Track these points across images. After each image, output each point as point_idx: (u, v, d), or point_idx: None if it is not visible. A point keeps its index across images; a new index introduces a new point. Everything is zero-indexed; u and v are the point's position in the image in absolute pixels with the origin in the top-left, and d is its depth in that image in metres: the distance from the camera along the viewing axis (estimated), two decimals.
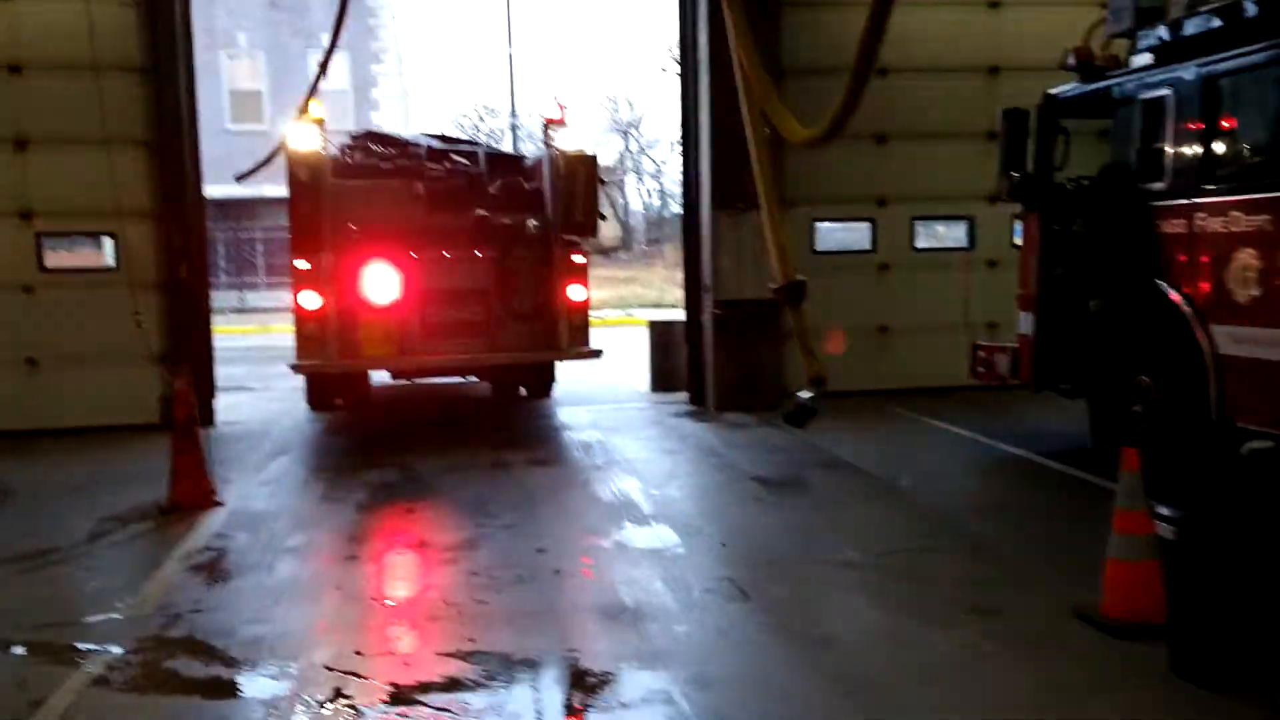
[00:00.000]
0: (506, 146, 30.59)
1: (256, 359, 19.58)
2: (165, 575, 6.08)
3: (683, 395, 12.15)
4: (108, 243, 10.82)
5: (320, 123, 9.86)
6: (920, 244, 12.15)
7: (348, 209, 9.84)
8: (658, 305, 33.12)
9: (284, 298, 12.23)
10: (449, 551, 6.44)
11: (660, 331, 12.95)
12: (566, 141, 10.43)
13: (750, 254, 11.14)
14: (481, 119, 68.97)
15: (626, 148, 73.64)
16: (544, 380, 12.29)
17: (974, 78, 11.77)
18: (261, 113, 33.15)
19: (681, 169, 11.82)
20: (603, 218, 10.61)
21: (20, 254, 10.65)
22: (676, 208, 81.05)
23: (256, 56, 33.67)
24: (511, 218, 10.29)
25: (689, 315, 11.97)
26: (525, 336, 10.20)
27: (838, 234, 12.06)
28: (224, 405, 11.76)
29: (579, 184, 10.16)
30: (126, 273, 10.71)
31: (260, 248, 33.82)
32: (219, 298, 31.82)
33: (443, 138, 12.72)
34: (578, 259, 10.32)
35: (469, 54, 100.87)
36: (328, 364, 9.87)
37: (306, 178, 9.66)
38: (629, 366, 14.42)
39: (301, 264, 9.68)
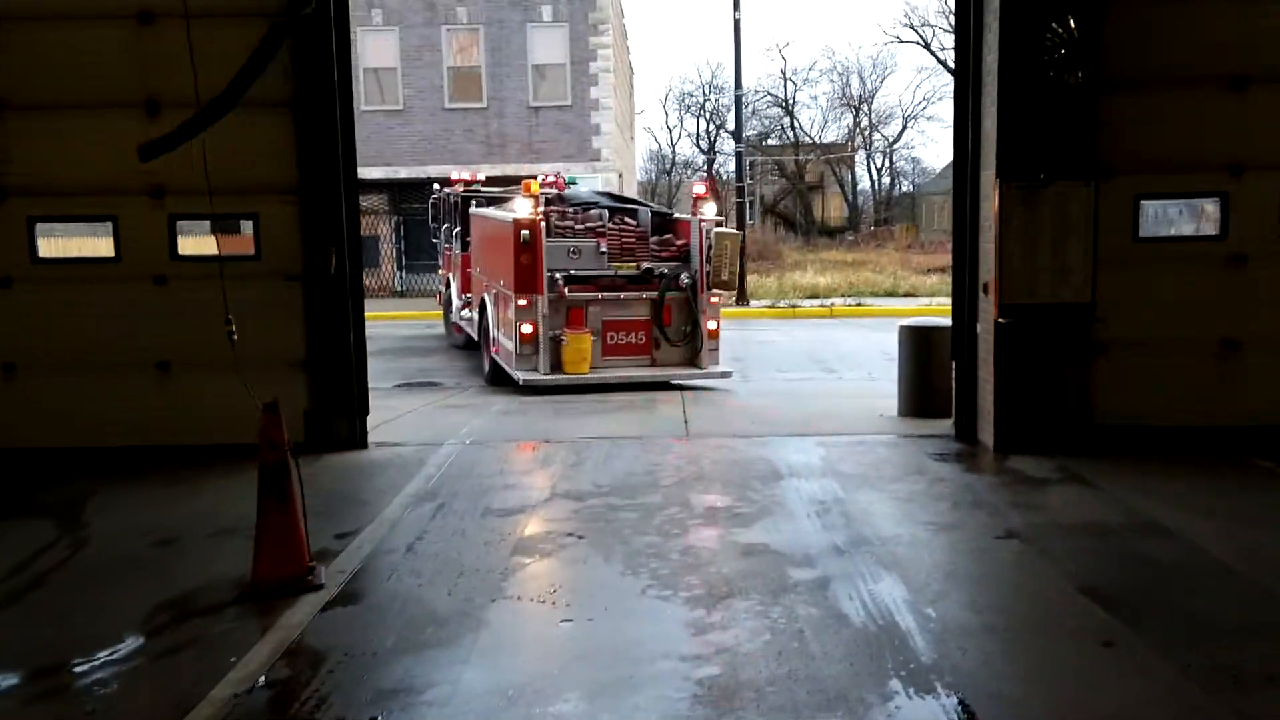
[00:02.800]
0: (730, 123, 28.67)
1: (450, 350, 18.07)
2: None
3: (944, 425, 9.35)
4: (247, 226, 9.05)
5: (538, 196, 12.99)
6: None
7: (553, 260, 12.87)
8: (891, 293, 29.85)
9: None
10: None
11: (915, 340, 10.14)
12: (710, 211, 13.56)
13: (1050, 241, 8.23)
14: (705, 97, 67.07)
15: (856, 123, 70.01)
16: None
17: None
18: (481, 90, 31.96)
19: (954, 123, 8.98)
20: (735, 275, 13.86)
21: (152, 239, 9.03)
22: (907, 186, 76.72)
23: (475, 31, 32.41)
24: (669, 267, 13.43)
25: (958, 320, 9.12)
26: (676, 358, 13.46)
27: (1170, 213, 8.89)
28: (391, 414, 9.90)
29: (726, 256, 13.32)
30: (266, 261, 8.94)
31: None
32: (426, 281, 31.04)
33: (613, 196, 16.55)
34: (714, 299, 13.44)
35: (692, 23, 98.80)
36: (543, 379, 12.71)
37: (528, 238, 12.65)
38: (867, 374, 11.73)
39: (521, 300, 12.73)
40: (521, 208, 12.92)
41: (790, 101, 68.81)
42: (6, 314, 9.05)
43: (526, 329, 12.72)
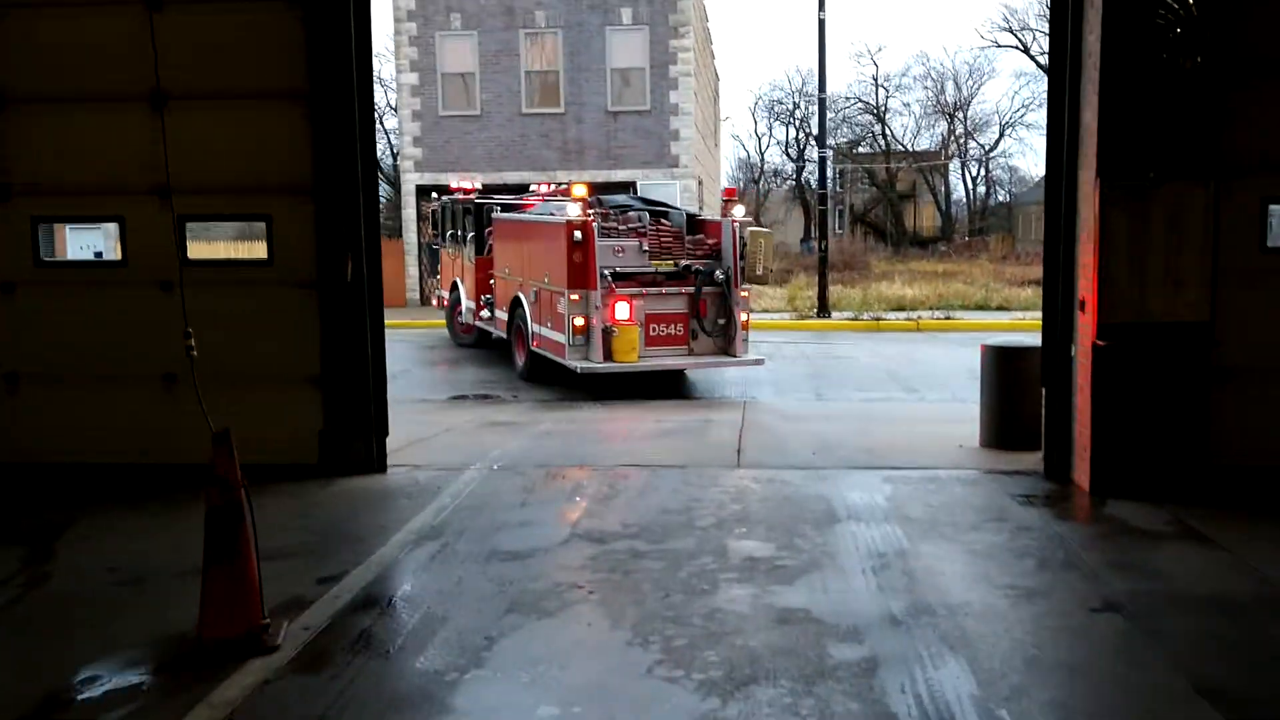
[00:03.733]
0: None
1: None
2: None
3: (1032, 460, 8.19)
4: (259, 229, 8.34)
5: (585, 200, 14.11)
6: None
7: (601, 258, 13.69)
8: (982, 306, 28.29)
9: None
10: None
11: (1000, 362, 8.97)
12: (739, 213, 14.67)
13: (1161, 251, 7.06)
14: (794, 104, 65.74)
15: (950, 131, 67.89)
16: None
17: None
18: (559, 95, 31.32)
19: (1048, 115, 7.84)
20: (771, 271, 15.86)
21: (158, 241, 8.35)
22: (1003, 196, 74.35)
23: (554, 35, 31.78)
24: (703, 264, 14.27)
25: (1049, 341, 7.96)
26: (711, 347, 14.31)
27: None
28: (430, 430, 9.13)
29: (761, 252, 14.74)
30: (279, 267, 8.21)
31: None
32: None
33: (644, 200, 16.68)
34: (744, 293, 14.42)
35: (781, 30, 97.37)
36: (599, 366, 13.55)
37: (581, 238, 13.55)
38: (951, 395, 10.58)
39: (574, 295, 13.60)
40: (572, 210, 13.95)
41: (882, 108, 67.13)
42: (9, 321, 8.48)
43: (579, 321, 13.70)
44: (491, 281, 17.70)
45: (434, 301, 22.28)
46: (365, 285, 8.15)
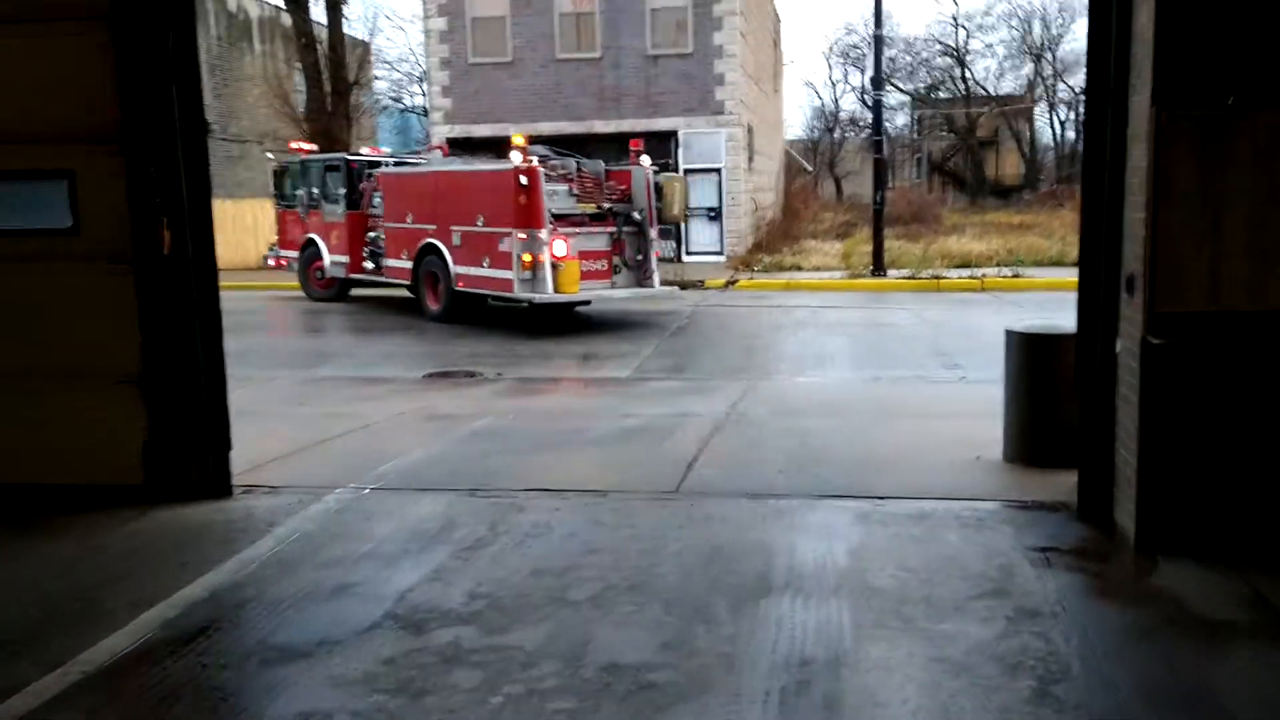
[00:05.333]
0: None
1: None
2: None
3: (1065, 485, 6.12)
4: (62, 189, 6.56)
5: (524, 149, 15.66)
6: None
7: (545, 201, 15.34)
8: (1057, 262, 25.56)
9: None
10: None
11: (1030, 352, 6.86)
12: (646, 162, 17.09)
13: (1245, 210, 4.92)
14: (870, 48, 62.21)
15: (1037, 73, 63.76)
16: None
17: None
18: (595, 39, 29.21)
19: (1089, 19, 5.65)
20: (686, 217, 20.68)
21: None
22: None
23: None
24: (620, 207, 16.51)
25: (1086, 333, 5.84)
26: (630, 280, 16.63)
27: None
28: (347, 426, 7.39)
29: (674, 196, 17.49)
30: (87, 238, 6.46)
31: None
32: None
33: (559, 151, 17.68)
34: (655, 234, 17.10)
35: None
36: (547, 297, 15.36)
37: (528, 182, 15.14)
38: (995, 376, 8.51)
39: (522, 235, 15.17)
40: (515, 159, 15.52)
41: (962, 49, 63.39)
42: None
43: (527, 258, 15.25)
44: (372, 234, 19.16)
45: (271, 262, 22.74)
46: (190, 260, 6.36)
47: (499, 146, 21.59)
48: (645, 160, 17.05)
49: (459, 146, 28.28)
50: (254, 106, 35.15)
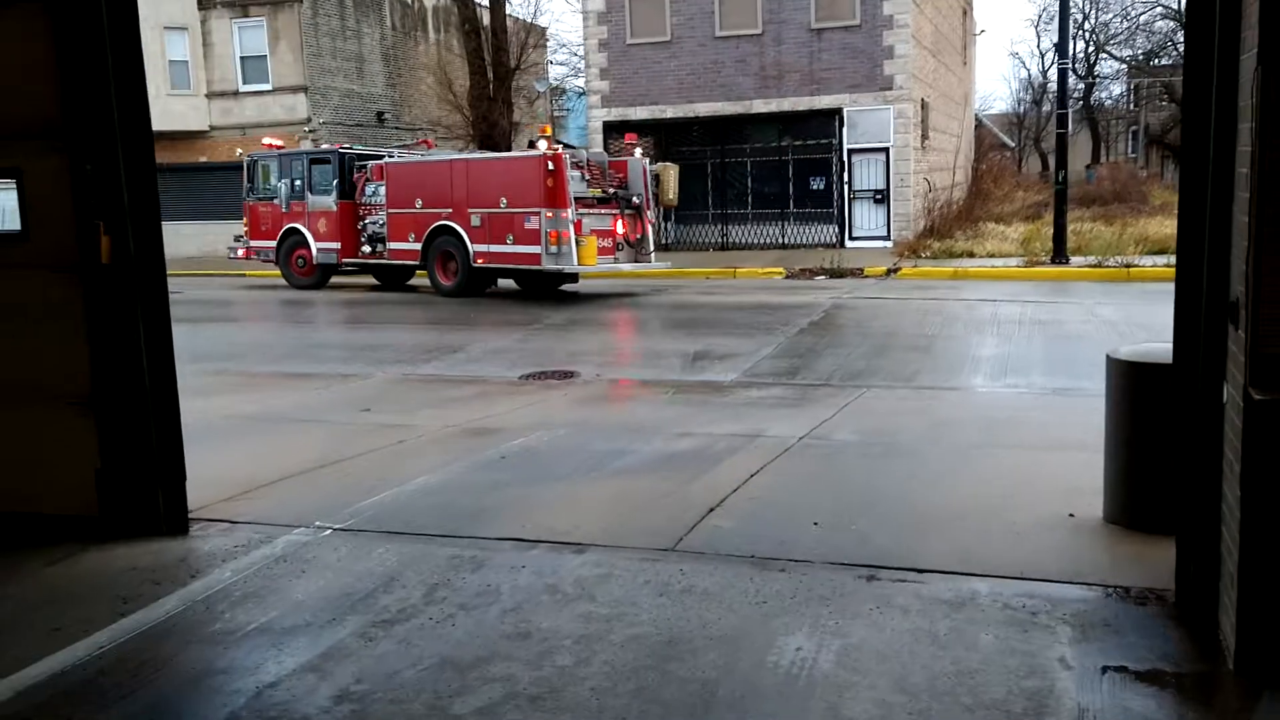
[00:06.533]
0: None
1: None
2: None
3: (1168, 560, 4.63)
4: (11, 190, 6.02)
5: (549, 138, 18.81)
6: None
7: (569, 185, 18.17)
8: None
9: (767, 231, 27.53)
10: None
11: (1135, 386, 5.35)
12: (639, 153, 20.03)
13: None
14: (1085, 14, 57.77)
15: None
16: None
17: None
18: (756, 13, 27.87)
19: None
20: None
21: None
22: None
23: None
24: (622, 193, 19.34)
25: (1184, 373, 4.35)
26: (630, 256, 19.40)
27: None
28: (376, 445, 6.70)
29: (669, 182, 20.07)
30: (37, 242, 5.89)
31: (750, 172, 28.87)
32: (698, 233, 27.41)
33: (567, 146, 22.40)
34: (651, 215, 20.02)
35: None
36: (574, 268, 18.23)
37: (554, 167, 17.73)
38: (1086, 405, 6.97)
39: (549, 214, 17.76)
40: (541, 146, 18.24)
41: (1184, 12, 57.95)
42: None
43: (555, 234, 17.61)
44: (368, 221, 21.06)
45: (240, 252, 23.71)
46: (133, 267, 5.70)
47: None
48: (638, 152, 20.03)
49: (615, 131, 27.78)
50: (426, 96, 35.54)
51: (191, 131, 32.45)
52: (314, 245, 21.88)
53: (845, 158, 27.40)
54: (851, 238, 27.41)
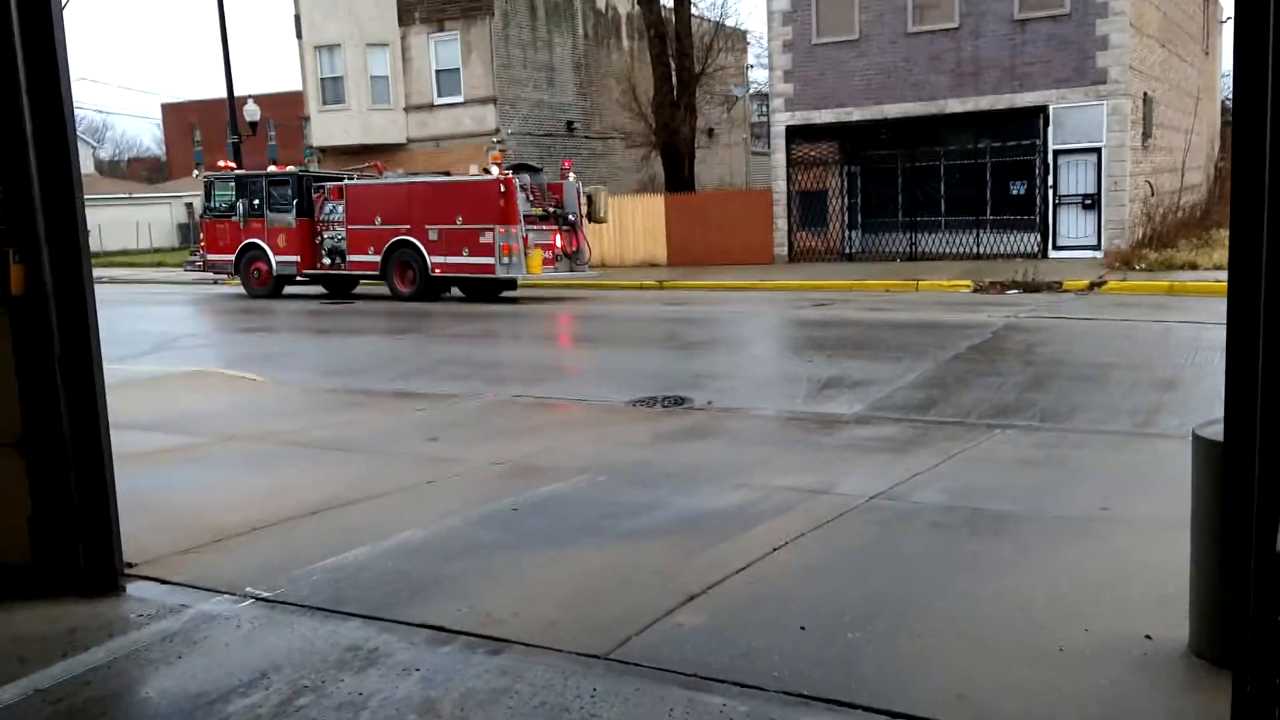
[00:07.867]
0: None
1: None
2: None
3: None
4: None
5: (500, 164, 22.40)
6: None
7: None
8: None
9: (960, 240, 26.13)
10: None
11: (1225, 473, 3.89)
12: (572, 178, 23.14)
13: None
14: None
15: None
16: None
17: None
18: (953, 6, 25.93)
19: None
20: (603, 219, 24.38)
21: None
22: None
23: None
24: (558, 210, 22.48)
25: (1234, 440, 2.97)
26: (567, 267, 22.37)
27: None
28: (406, 478, 6.10)
29: (600, 203, 23.29)
30: None
31: (942, 177, 26.94)
32: (885, 241, 25.69)
33: (522, 167, 24.30)
34: (587, 230, 23.40)
35: None
36: (524, 276, 21.75)
37: (505, 189, 21.15)
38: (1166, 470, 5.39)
39: (502, 229, 21.01)
40: (494, 170, 21.64)
41: None
42: None
43: (507, 247, 20.90)
44: (326, 236, 23.63)
45: (199, 264, 25.90)
46: (50, 297, 5.17)
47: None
48: (572, 177, 23.02)
49: (798, 135, 26.69)
50: (616, 105, 35.33)
51: (391, 144, 33.45)
52: (273, 258, 24.26)
53: (1050, 159, 25.02)
54: (1056, 247, 25.00)
